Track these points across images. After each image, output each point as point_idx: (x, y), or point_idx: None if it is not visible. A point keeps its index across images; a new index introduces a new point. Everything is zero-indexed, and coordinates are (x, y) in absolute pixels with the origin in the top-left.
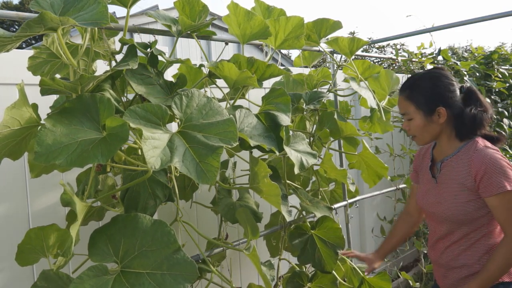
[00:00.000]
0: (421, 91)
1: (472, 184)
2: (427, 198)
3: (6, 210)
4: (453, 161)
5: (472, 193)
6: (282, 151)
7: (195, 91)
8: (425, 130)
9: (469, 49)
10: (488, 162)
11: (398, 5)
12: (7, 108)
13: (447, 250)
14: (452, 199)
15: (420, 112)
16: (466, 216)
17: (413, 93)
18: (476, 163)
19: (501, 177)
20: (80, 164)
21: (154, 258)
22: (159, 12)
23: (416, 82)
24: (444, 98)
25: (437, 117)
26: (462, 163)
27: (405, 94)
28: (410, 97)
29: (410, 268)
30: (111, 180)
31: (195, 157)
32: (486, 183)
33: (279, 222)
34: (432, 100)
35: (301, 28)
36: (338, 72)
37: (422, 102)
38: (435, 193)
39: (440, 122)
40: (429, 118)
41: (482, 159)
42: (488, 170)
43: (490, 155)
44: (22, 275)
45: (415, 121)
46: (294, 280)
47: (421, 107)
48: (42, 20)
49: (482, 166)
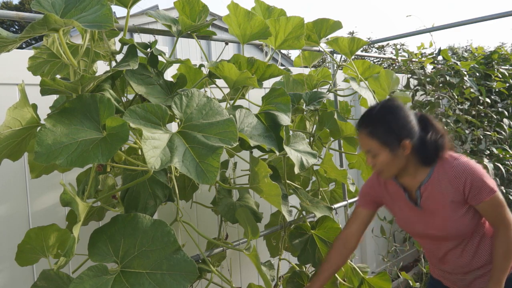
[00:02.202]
0: (383, 126)
1: (461, 198)
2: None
3: (6, 210)
4: (431, 184)
5: (463, 206)
6: (282, 151)
7: (195, 91)
8: (391, 165)
9: (469, 49)
10: (469, 173)
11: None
12: (9, 109)
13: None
14: (448, 218)
15: (385, 148)
16: (467, 228)
17: (375, 129)
18: (458, 178)
19: (485, 183)
20: (80, 164)
21: (154, 258)
22: (159, 12)
23: (375, 117)
24: (406, 131)
25: (402, 150)
26: (442, 182)
27: (366, 131)
28: (372, 134)
29: (410, 268)
30: (111, 180)
31: (195, 157)
32: (475, 192)
33: (279, 222)
34: (396, 134)
35: (301, 28)
36: (338, 72)
37: (386, 137)
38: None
39: (405, 154)
40: (395, 153)
41: (463, 173)
42: (473, 181)
43: (467, 166)
44: (22, 275)
45: (381, 157)
46: (294, 280)
47: (386, 143)
48: (46, 22)
49: (466, 179)
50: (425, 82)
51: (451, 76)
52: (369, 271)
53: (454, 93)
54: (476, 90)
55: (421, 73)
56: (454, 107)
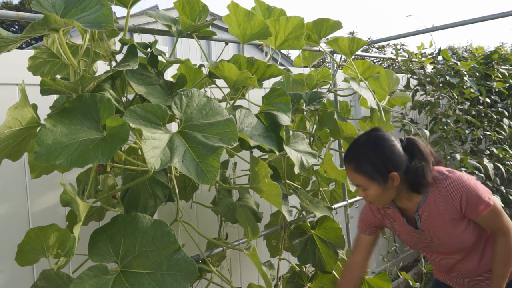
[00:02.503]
0: (369, 162)
1: (460, 215)
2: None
3: (6, 210)
4: (428, 205)
5: (463, 221)
6: (282, 151)
7: (195, 91)
8: (383, 196)
9: (469, 49)
10: (463, 190)
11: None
12: (9, 109)
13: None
14: (449, 236)
15: (374, 183)
16: (470, 240)
17: (361, 165)
18: (453, 196)
19: (480, 197)
20: (80, 164)
21: (154, 258)
22: (159, 12)
23: (360, 152)
24: (392, 162)
25: (392, 182)
26: (438, 202)
27: (352, 166)
28: (359, 170)
29: (410, 268)
30: (111, 180)
31: (195, 157)
32: (471, 208)
33: (279, 222)
34: (383, 168)
35: (301, 28)
36: (338, 72)
37: (374, 172)
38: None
39: (395, 185)
40: (385, 186)
41: (458, 189)
42: (469, 198)
43: (459, 183)
44: (22, 275)
45: (371, 191)
46: (294, 280)
47: (374, 178)
48: (46, 22)
49: (461, 196)
50: (425, 82)
51: (451, 76)
52: (369, 271)
53: (454, 93)
54: (476, 90)
55: (421, 73)
56: (454, 107)
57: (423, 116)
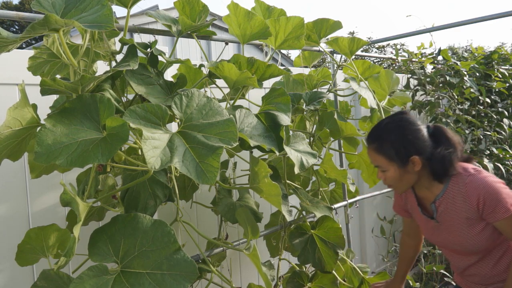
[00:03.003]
0: (391, 143)
1: (477, 215)
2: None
3: (6, 210)
4: (446, 199)
5: (480, 223)
6: (282, 151)
7: (195, 91)
8: (401, 180)
9: (469, 49)
10: (483, 191)
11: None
12: (9, 109)
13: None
14: (463, 235)
15: (393, 164)
16: (486, 243)
17: (382, 146)
18: (472, 195)
19: (500, 201)
20: (80, 164)
21: (154, 258)
22: (159, 12)
23: (383, 133)
24: (415, 146)
25: (412, 166)
26: (456, 198)
27: (373, 146)
28: (379, 150)
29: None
30: (111, 180)
31: (195, 157)
32: (489, 210)
33: (279, 222)
34: (404, 150)
35: (301, 28)
36: (338, 72)
37: (394, 154)
38: (442, 232)
39: (415, 170)
40: (404, 169)
41: (476, 190)
42: (487, 199)
43: (482, 183)
44: (22, 275)
45: (390, 173)
46: (294, 280)
47: (394, 160)
48: (46, 23)
49: (480, 196)
50: (425, 82)
51: (451, 76)
52: (369, 271)
53: (454, 93)
54: (476, 90)
55: (421, 73)
56: (454, 107)
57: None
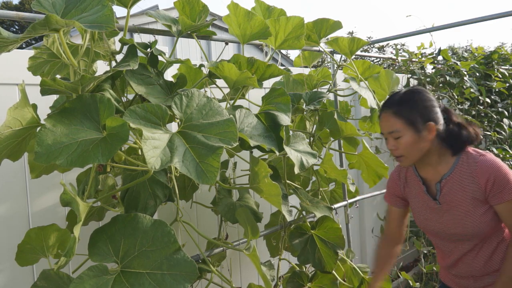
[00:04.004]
0: (411, 105)
1: (483, 195)
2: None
3: (6, 210)
4: (453, 178)
5: (484, 205)
6: (282, 151)
7: (195, 91)
8: (415, 147)
9: (469, 49)
10: (494, 170)
11: (398, 5)
12: (10, 109)
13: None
14: (467, 216)
15: (410, 128)
16: (486, 227)
17: (402, 108)
18: (482, 174)
19: (509, 182)
20: (80, 164)
21: (154, 258)
22: (159, 12)
23: (403, 97)
24: (432, 113)
25: (427, 132)
26: (464, 177)
27: (391, 110)
28: (399, 113)
29: (410, 268)
30: (111, 180)
31: (195, 157)
32: (496, 191)
33: (279, 222)
34: (423, 114)
35: (301, 28)
36: (338, 72)
37: (413, 117)
38: (447, 214)
39: (429, 138)
40: (420, 134)
41: (487, 169)
42: (497, 179)
43: (493, 163)
44: (22, 275)
45: (404, 139)
46: (294, 280)
47: (412, 122)
48: (47, 23)
49: (490, 176)
50: (425, 82)
51: (451, 76)
52: (369, 271)
53: (454, 93)
54: (476, 90)
55: (421, 73)
56: (454, 107)
57: None
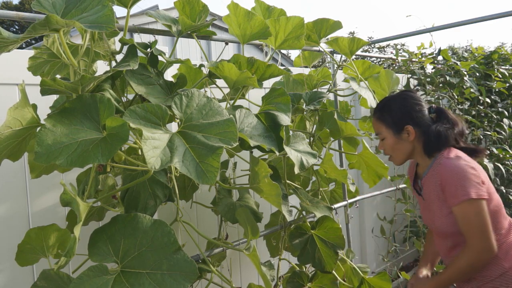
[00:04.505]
0: (390, 112)
1: (444, 197)
2: (423, 213)
3: (6, 210)
4: (428, 178)
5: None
6: (282, 151)
7: (195, 91)
8: (396, 148)
9: (469, 49)
10: (450, 170)
11: (398, 5)
12: (10, 109)
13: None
14: (436, 214)
15: (390, 131)
16: (454, 228)
17: (383, 114)
18: (441, 174)
19: (462, 185)
20: (80, 164)
21: (154, 258)
22: (159, 12)
23: (386, 104)
24: (411, 117)
25: (406, 135)
26: (433, 178)
27: (376, 115)
28: (380, 118)
29: (410, 268)
30: (111, 180)
31: (195, 157)
32: (449, 192)
33: (279, 222)
34: (400, 119)
35: (301, 28)
36: (338, 72)
37: (391, 121)
38: (426, 208)
39: (409, 140)
40: (399, 136)
41: (445, 169)
42: (449, 179)
43: (454, 164)
44: (22, 275)
45: (387, 140)
46: (294, 280)
47: (391, 126)
48: (47, 23)
49: (444, 176)
50: (425, 82)
51: (451, 76)
52: (369, 271)
53: (454, 93)
54: (476, 90)
55: (421, 73)
56: (454, 107)
57: None
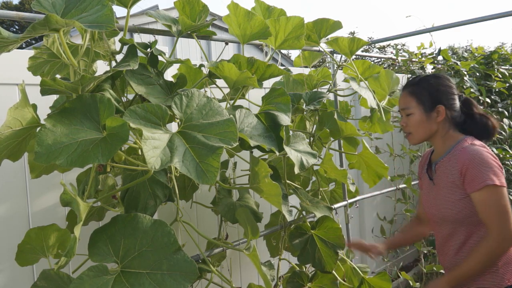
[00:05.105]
0: (426, 87)
1: (461, 182)
2: (427, 200)
3: (6, 210)
4: (445, 161)
5: (462, 191)
6: (282, 151)
7: (195, 91)
8: (421, 126)
9: (469, 49)
10: (472, 156)
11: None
12: (10, 109)
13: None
14: (446, 199)
15: (420, 107)
16: (459, 215)
17: (417, 88)
18: (461, 159)
19: (486, 171)
20: (80, 164)
21: (154, 258)
22: (159, 12)
23: (422, 79)
24: (446, 98)
25: (436, 114)
26: (452, 162)
27: (409, 89)
28: (413, 92)
29: (410, 268)
30: (111, 180)
31: (195, 157)
32: (470, 177)
33: (279, 222)
34: (434, 97)
35: (301, 28)
36: (338, 72)
37: (424, 97)
38: (433, 195)
39: (437, 120)
40: (428, 114)
41: (467, 155)
42: (472, 164)
43: (476, 150)
44: (22, 275)
45: (414, 116)
46: (294, 280)
47: (422, 102)
48: (47, 23)
49: (466, 161)
50: None
51: (451, 76)
52: (369, 271)
53: None
54: (476, 90)
55: (421, 73)
56: None
57: None
